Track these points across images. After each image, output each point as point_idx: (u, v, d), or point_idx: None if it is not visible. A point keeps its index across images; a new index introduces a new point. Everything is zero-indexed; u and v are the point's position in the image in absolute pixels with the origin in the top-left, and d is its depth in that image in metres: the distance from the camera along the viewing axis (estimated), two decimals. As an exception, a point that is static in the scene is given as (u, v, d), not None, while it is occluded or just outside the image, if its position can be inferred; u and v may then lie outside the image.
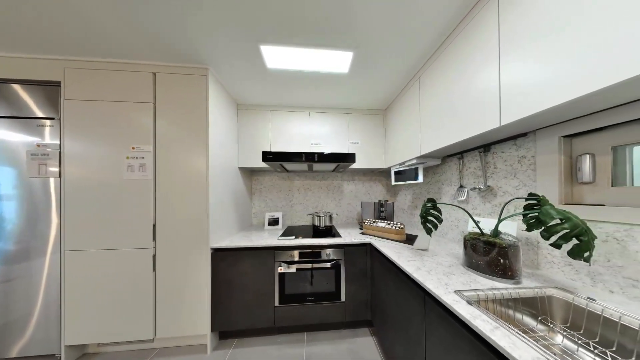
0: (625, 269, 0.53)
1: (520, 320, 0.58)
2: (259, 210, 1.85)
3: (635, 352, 0.43)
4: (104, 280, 1.02)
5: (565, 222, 0.50)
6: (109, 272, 1.03)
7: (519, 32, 0.56)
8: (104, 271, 1.02)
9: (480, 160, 0.96)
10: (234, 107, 1.48)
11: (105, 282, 1.02)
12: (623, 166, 0.57)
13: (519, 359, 0.35)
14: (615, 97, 0.47)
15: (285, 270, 1.19)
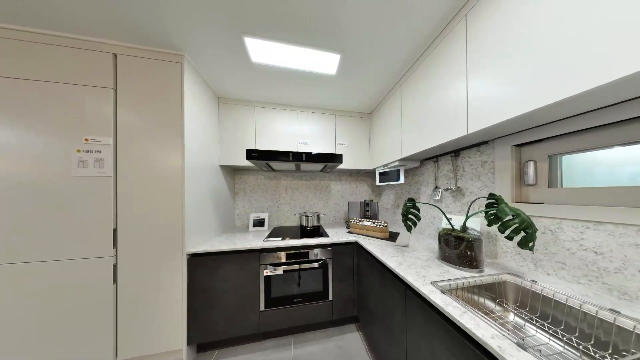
0: (556, 254, 0.65)
1: (483, 304, 0.67)
2: (243, 211, 1.76)
3: (564, 322, 0.54)
4: (44, 298, 0.85)
5: (516, 218, 0.60)
6: (53, 286, 0.86)
7: (481, 53, 0.65)
8: (44, 287, 0.85)
9: (452, 163, 1.07)
10: (215, 101, 1.38)
11: (47, 300, 0.85)
12: (556, 171, 0.70)
13: (482, 337, 0.41)
14: (551, 114, 0.57)
15: (271, 273, 1.15)
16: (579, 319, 0.51)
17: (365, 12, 0.76)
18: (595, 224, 0.57)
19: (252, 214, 1.61)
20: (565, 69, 0.45)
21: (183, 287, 1.00)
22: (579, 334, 0.51)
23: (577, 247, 0.60)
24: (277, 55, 0.99)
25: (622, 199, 0.54)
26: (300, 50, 0.96)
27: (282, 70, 1.12)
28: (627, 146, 0.54)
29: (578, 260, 0.60)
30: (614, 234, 0.53)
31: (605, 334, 0.46)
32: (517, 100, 0.54)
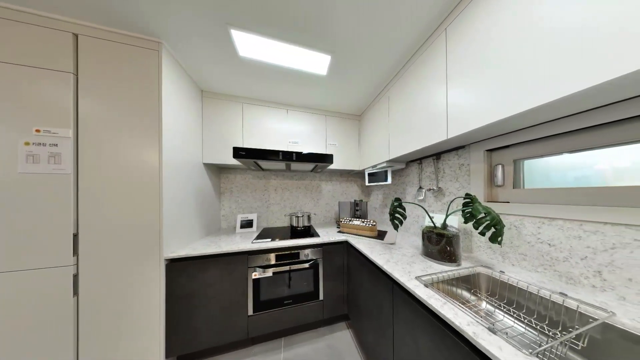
0: (519, 247, 0.74)
1: (460, 295, 0.73)
2: (230, 212, 1.68)
3: (525, 306, 0.61)
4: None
5: (487, 216, 0.67)
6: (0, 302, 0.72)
7: (459, 65, 0.72)
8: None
9: (434, 166, 1.15)
10: (198, 95, 1.29)
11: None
12: (520, 174, 0.80)
13: (459, 325, 0.45)
14: (516, 123, 0.65)
15: (260, 275, 1.12)
16: (537, 302, 0.58)
17: (354, 15, 0.78)
18: (549, 220, 0.66)
19: (240, 215, 1.55)
20: (523, 85, 0.51)
21: (161, 296, 0.92)
22: (537, 315, 0.58)
23: (535, 240, 0.69)
24: (266, 51, 0.97)
25: (569, 198, 0.63)
26: (290, 48, 0.95)
27: (271, 67, 1.10)
28: (572, 153, 0.64)
29: (536, 251, 0.69)
30: (563, 228, 0.62)
31: (556, 314, 0.54)
32: (488, 110, 0.61)
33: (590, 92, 0.43)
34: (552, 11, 0.46)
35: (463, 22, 0.70)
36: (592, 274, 0.56)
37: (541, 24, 0.48)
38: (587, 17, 0.41)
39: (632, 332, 0.42)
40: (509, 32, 0.55)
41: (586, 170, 0.62)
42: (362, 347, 1.13)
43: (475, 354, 0.42)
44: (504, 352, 0.37)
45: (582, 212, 0.58)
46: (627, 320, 0.44)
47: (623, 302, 0.51)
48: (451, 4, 0.73)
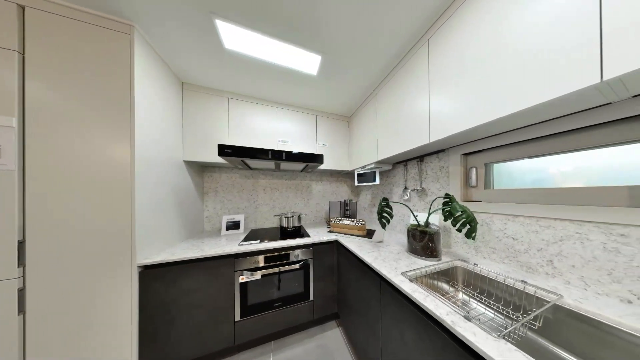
0: (489, 242, 0.83)
1: (441, 287, 0.79)
2: (214, 213, 1.59)
3: (494, 294, 0.68)
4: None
5: (464, 214, 0.73)
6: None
7: (440, 75, 0.78)
8: None
9: (418, 167, 1.23)
10: (177, 86, 1.19)
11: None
12: (490, 176, 0.89)
13: (439, 315, 0.48)
14: (487, 131, 0.73)
15: (248, 278, 1.08)
16: (503, 290, 0.65)
17: (345, 19, 0.80)
18: (513, 217, 0.75)
19: (225, 216, 1.47)
20: (493, 97, 0.58)
21: (133, 308, 0.83)
22: (503, 302, 0.65)
23: (502, 235, 0.78)
24: (255, 46, 0.94)
25: (528, 198, 0.73)
26: (281, 45, 0.93)
27: (261, 63, 1.07)
28: (531, 159, 0.74)
29: (503, 245, 0.78)
30: (524, 224, 0.71)
31: (518, 299, 0.61)
32: (464, 117, 0.67)
33: (542, 107, 0.50)
34: (517, 35, 0.53)
35: (443, 35, 0.76)
36: (546, 263, 0.65)
37: (507, 44, 0.55)
38: (541, 44, 0.47)
39: (575, 311, 0.50)
40: (481, 49, 0.62)
41: (541, 173, 0.72)
42: (351, 344, 1.15)
43: (453, 340, 0.45)
44: (477, 336, 0.41)
45: (538, 210, 0.67)
46: (571, 301, 0.52)
47: (568, 286, 0.60)
48: (433, 17, 0.78)
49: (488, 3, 0.60)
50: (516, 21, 0.53)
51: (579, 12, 0.42)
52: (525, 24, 0.51)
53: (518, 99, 0.52)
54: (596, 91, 0.44)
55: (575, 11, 0.42)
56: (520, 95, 0.52)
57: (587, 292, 0.56)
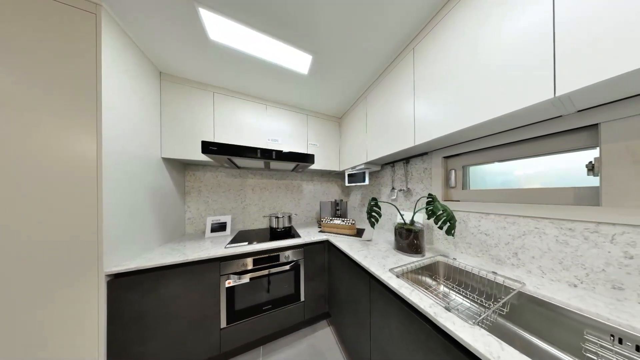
0: (466, 237, 0.90)
1: (425, 281, 0.84)
2: (197, 214, 1.49)
3: (470, 285, 0.75)
4: None
5: (444, 212, 0.79)
6: None
7: (424, 82, 0.83)
8: None
9: (404, 169, 1.30)
10: (154, 75, 1.09)
11: None
12: (467, 177, 0.97)
13: (423, 307, 0.51)
14: (465, 136, 0.79)
15: (235, 282, 1.03)
16: (478, 281, 0.72)
17: (336, 21, 0.81)
18: (485, 214, 0.83)
19: (210, 218, 1.39)
20: (469, 106, 0.63)
21: (100, 322, 0.74)
22: (477, 292, 0.72)
23: (477, 231, 0.86)
24: (244, 40, 0.90)
25: (498, 197, 0.81)
26: (271, 42, 0.91)
27: (249, 58, 1.03)
28: (501, 162, 0.82)
29: (477, 240, 0.86)
30: (494, 221, 0.79)
31: (490, 289, 0.68)
32: (445, 123, 0.73)
33: (507, 117, 0.56)
34: (487, 52, 0.58)
35: (426, 46, 0.81)
36: (512, 255, 0.74)
37: (479, 60, 0.60)
38: (507, 61, 0.53)
39: (534, 296, 0.57)
40: (458, 62, 0.67)
41: (509, 175, 0.81)
42: (342, 341, 1.17)
43: (436, 330, 0.49)
44: (456, 325, 0.44)
45: (506, 208, 0.75)
46: (532, 288, 0.59)
47: (529, 275, 0.68)
48: (419, 26, 0.83)
49: (463, 22, 0.66)
50: (486, 40, 0.59)
51: (536, 35, 0.48)
52: (494, 43, 0.57)
53: (488, 109, 0.58)
54: (551, 105, 0.51)
55: (533, 34, 0.48)
56: (490, 106, 0.58)
57: (544, 279, 0.64)
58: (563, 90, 0.44)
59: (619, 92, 0.46)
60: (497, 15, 0.57)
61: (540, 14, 0.47)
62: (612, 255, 0.52)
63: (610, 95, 0.48)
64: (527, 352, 0.55)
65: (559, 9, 0.44)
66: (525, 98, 0.50)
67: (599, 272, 0.54)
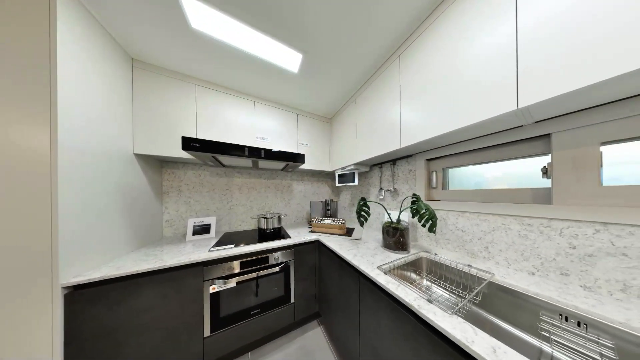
0: (445, 234, 0.98)
1: (410, 276, 0.89)
2: (177, 216, 1.38)
3: (449, 278, 0.81)
4: None
5: (427, 211, 0.85)
6: None
7: (409, 88, 0.88)
8: None
9: (391, 170, 1.36)
10: (124, 61, 0.97)
11: None
12: (446, 179, 1.06)
13: (408, 301, 0.54)
14: (446, 140, 0.86)
15: (220, 287, 0.97)
16: (455, 274, 0.79)
17: (326, 19, 0.81)
18: (462, 212, 0.91)
19: (192, 219, 1.30)
20: (447, 113, 0.69)
21: (55, 342, 0.64)
22: (455, 284, 0.79)
23: (455, 228, 0.94)
24: (231, 33, 0.86)
25: (472, 197, 0.90)
26: (260, 37, 0.88)
27: (235, 51, 0.98)
28: (475, 165, 0.91)
29: (455, 236, 0.94)
30: (469, 219, 0.88)
31: (465, 280, 0.75)
32: (428, 127, 0.78)
33: (479, 124, 0.63)
34: (463, 65, 0.65)
35: (411, 54, 0.87)
36: (484, 249, 0.82)
37: (457, 71, 0.66)
38: (480, 75, 0.60)
39: (502, 285, 0.64)
40: (439, 72, 0.73)
41: (481, 177, 0.90)
42: (332, 340, 1.18)
43: (419, 322, 0.52)
44: (437, 315, 0.48)
45: (478, 207, 0.83)
46: (499, 278, 0.66)
47: (497, 266, 0.76)
48: (405, 33, 0.88)
49: (443, 36, 0.72)
50: (462, 54, 0.65)
51: (503, 52, 0.54)
52: (469, 57, 0.63)
53: (464, 117, 0.64)
54: (514, 116, 0.58)
55: (501, 51, 0.55)
56: (465, 114, 0.64)
57: (509, 269, 0.73)
58: (524, 103, 0.51)
59: (567, 107, 0.54)
60: (471, 32, 0.63)
61: (505, 35, 0.54)
62: (560, 246, 0.61)
63: (560, 109, 0.56)
64: (496, 335, 0.62)
65: (521, 31, 0.51)
66: (494, 108, 0.57)
67: (551, 261, 0.63)
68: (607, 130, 0.54)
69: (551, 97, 0.46)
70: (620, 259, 0.51)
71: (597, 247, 0.55)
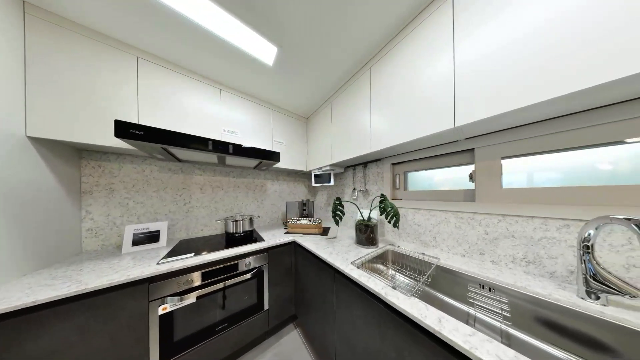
0: (406, 229, 1.15)
1: (378, 268, 0.99)
2: (108, 222, 1.09)
3: (409, 266, 0.95)
4: None
5: (392, 209, 0.97)
6: None
7: (378, 98, 0.99)
8: None
9: (363, 172, 1.49)
10: (8, 2, 0.71)
11: None
12: (407, 181, 1.24)
13: (377, 290, 0.60)
14: (407, 147, 1.01)
15: (174, 306, 0.82)
16: (413, 261, 0.93)
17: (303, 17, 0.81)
18: (417, 209, 1.08)
19: (132, 226, 1.04)
20: (406, 124, 0.82)
21: None
22: (413, 270, 0.93)
23: (413, 223, 1.11)
24: (192, 5, 0.75)
25: (425, 196, 1.08)
26: (230, 19, 0.81)
27: (198, 28, 0.85)
28: (427, 170, 1.11)
29: (413, 230, 1.10)
30: (423, 215, 1.05)
31: (420, 266, 0.90)
32: (391, 135, 0.90)
33: (429, 136, 0.77)
34: (420, 83, 0.78)
35: (380, 68, 0.98)
36: (433, 239, 1.00)
37: (416, 88, 0.80)
38: (431, 95, 0.73)
39: (445, 267, 0.80)
40: (402, 87, 0.86)
41: (431, 180, 1.10)
42: (309, 340, 1.17)
43: (385, 307, 0.59)
44: (399, 299, 0.55)
45: (429, 204, 1.01)
46: (443, 261, 0.83)
47: (442, 252, 0.95)
48: (374, 49, 0.98)
49: (404, 58, 0.84)
50: (420, 76, 0.78)
51: (445, 80, 0.69)
52: (425, 79, 0.76)
53: (418, 130, 0.78)
54: (453, 132, 0.74)
55: (444, 79, 0.69)
56: (419, 127, 0.77)
57: (449, 254, 0.92)
58: (458, 123, 0.65)
59: (486, 128, 0.73)
60: (424, 59, 0.76)
61: (446, 66, 0.68)
62: (479, 233, 0.82)
63: (482, 130, 0.76)
64: (442, 308, 0.76)
65: (457, 65, 0.66)
66: (440, 125, 0.71)
67: (474, 244, 0.84)
68: (505, 149, 0.76)
69: (475, 120, 0.62)
70: (512, 240, 0.73)
71: (499, 232, 0.76)
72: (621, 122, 0.53)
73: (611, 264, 0.53)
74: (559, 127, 0.62)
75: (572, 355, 0.50)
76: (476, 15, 0.61)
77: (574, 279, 0.59)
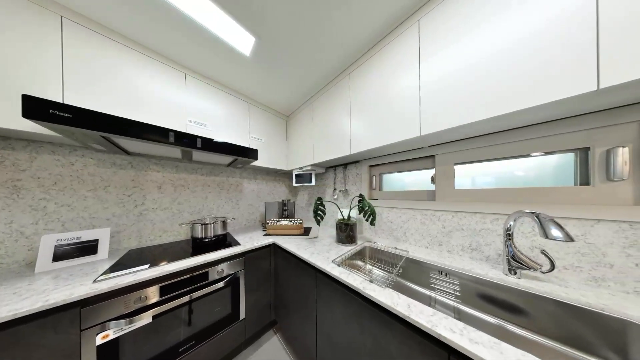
0: (381, 226, 1.25)
1: (357, 264, 1.04)
2: (11, 232, 0.83)
3: (384, 260, 1.04)
4: None
5: (369, 208, 1.04)
6: None
7: (357, 103, 1.05)
8: None
9: (343, 173, 1.55)
10: None
11: None
12: (382, 182, 1.35)
13: (356, 285, 0.64)
14: (382, 151, 1.10)
15: (120, 332, 0.67)
16: (387, 255, 1.02)
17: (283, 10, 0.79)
18: (391, 208, 1.19)
19: (52, 236, 0.82)
20: (379, 130, 0.90)
21: None
22: (387, 264, 1.01)
23: (386, 221, 1.21)
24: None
25: (396, 196, 1.20)
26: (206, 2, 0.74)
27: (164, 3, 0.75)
28: (399, 173, 1.23)
29: (387, 227, 1.21)
30: (397, 213, 1.17)
31: (393, 259, 0.99)
32: (368, 139, 0.97)
33: (401, 142, 0.87)
34: (392, 94, 0.87)
35: (359, 75, 1.04)
36: (403, 234, 1.12)
37: (389, 99, 0.88)
38: (401, 107, 0.83)
39: (413, 259, 0.91)
40: (377, 96, 0.93)
41: (402, 181, 1.23)
42: (289, 343, 1.14)
43: (364, 300, 0.62)
44: (376, 291, 0.60)
45: (400, 203, 1.13)
46: (412, 254, 0.93)
47: (410, 245, 1.07)
48: (354, 56, 1.04)
49: (380, 69, 0.92)
50: (392, 87, 0.87)
51: (412, 94, 0.78)
52: (397, 90, 0.85)
53: (390, 136, 0.86)
54: (419, 140, 0.85)
55: (411, 92, 0.79)
56: (392, 134, 0.86)
57: (416, 247, 1.04)
58: (424, 132, 0.75)
59: (444, 138, 0.87)
60: (397, 73, 0.85)
61: (414, 82, 0.78)
62: (438, 227, 0.96)
63: (441, 140, 0.89)
64: (411, 295, 0.86)
65: (422, 82, 0.76)
66: (408, 132, 0.80)
67: (434, 237, 0.97)
68: (457, 156, 0.92)
69: (435, 131, 0.72)
70: (461, 232, 0.88)
71: (453, 226, 0.91)
72: (528, 141, 0.72)
73: (522, 247, 0.71)
74: (492, 141, 0.79)
75: (500, 320, 0.63)
76: (437, 42, 0.72)
77: (501, 260, 0.76)
